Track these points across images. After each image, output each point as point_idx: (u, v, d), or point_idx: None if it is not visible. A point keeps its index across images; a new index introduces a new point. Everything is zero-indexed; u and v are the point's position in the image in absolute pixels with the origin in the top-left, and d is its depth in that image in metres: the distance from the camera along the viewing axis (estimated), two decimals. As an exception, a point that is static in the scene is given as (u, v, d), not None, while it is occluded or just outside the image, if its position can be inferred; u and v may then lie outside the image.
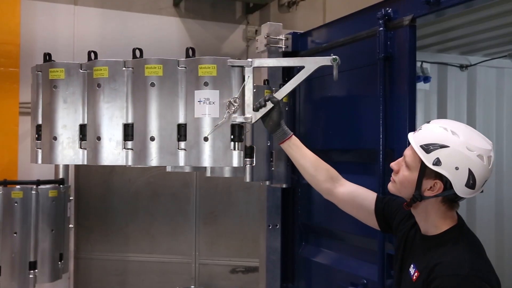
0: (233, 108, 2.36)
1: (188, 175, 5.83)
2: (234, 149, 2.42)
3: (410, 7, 2.89)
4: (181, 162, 2.43)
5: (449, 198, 1.93)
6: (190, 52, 2.47)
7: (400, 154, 2.09)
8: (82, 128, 2.54)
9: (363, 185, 2.55)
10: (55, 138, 2.54)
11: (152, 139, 2.40)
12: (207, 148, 2.40)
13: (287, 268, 4.01)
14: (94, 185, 5.89)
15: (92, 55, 2.56)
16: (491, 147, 1.90)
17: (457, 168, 1.85)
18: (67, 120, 2.54)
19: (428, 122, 2.02)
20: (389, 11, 2.97)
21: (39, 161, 2.63)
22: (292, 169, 3.50)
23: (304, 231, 3.95)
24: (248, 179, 3.28)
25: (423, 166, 1.91)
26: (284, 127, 2.46)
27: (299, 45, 3.90)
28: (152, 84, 2.40)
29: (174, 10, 6.68)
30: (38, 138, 2.63)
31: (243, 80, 2.42)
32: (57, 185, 4.42)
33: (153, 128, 2.41)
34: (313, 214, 3.85)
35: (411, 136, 2.00)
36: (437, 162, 1.87)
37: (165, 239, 5.91)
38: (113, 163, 2.46)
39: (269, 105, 2.42)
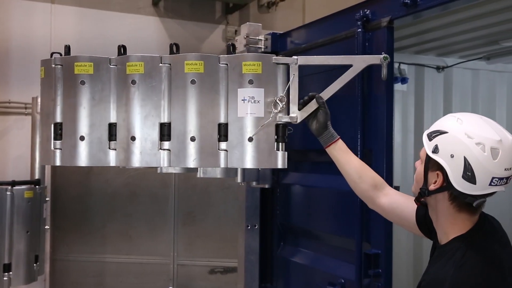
0: (279, 108, 2.27)
1: (167, 176, 5.80)
2: (278, 149, 2.33)
3: (388, 8, 2.92)
4: (222, 164, 2.31)
5: (456, 195, 1.71)
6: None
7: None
8: (112, 127, 2.35)
9: (339, 185, 2.54)
10: (82, 138, 2.33)
11: (193, 139, 2.28)
12: (251, 149, 2.29)
13: (265, 268, 4.01)
14: (71, 186, 5.82)
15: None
16: (502, 139, 1.66)
17: (452, 156, 1.67)
18: (96, 119, 2.34)
19: None
20: (367, 12, 3.00)
21: (58, 162, 2.36)
22: (272, 169, 3.51)
23: (283, 231, 3.95)
24: (239, 179, 3.27)
25: (427, 156, 1.77)
26: (330, 129, 2.31)
27: (279, 45, 3.91)
28: (193, 82, 2.27)
29: (153, 10, 6.64)
30: (58, 137, 2.37)
31: (287, 78, 2.33)
32: (33, 185, 4.36)
33: (193, 127, 2.28)
34: (292, 214, 3.86)
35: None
36: (435, 149, 1.72)
37: (143, 240, 5.86)
38: (148, 165, 2.32)
39: (314, 104, 2.32)
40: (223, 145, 2.31)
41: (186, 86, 2.29)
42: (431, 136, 1.76)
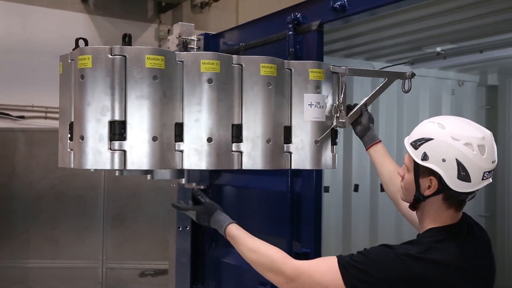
0: (338, 113, 2.42)
1: (96, 177, 5.65)
2: (332, 152, 2.44)
3: (318, 12, 2.98)
4: (286, 165, 2.36)
5: (450, 195, 1.77)
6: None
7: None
8: (178, 127, 2.18)
9: (270, 185, 2.58)
10: (155, 139, 2.12)
11: (269, 141, 2.28)
12: (316, 151, 2.38)
13: (197, 269, 3.98)
14: (-10, 188, 5.56)
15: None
16: (484, 135, 1.75)
17: (444, 160, 1.73)
18: (166, 118, 2.14)
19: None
20: (298, 16, 3.05)
21: (116, 165, 2.07)
22: (210, 171, 3.48)
23: (215, 232, 3.94)
24: (185, 181, 3.24)
25: (415, 164, 1.81)
26: (373, 131, 2.45)
27: (211, 46, 3.90)
28: (269, 84, 2.27)
29: (82, 6, 6.45)
30: (122, 137, 2.08)
31: (337, 85, 2.46)
32: (-51, 188, 4.11)
33: (268, 130, 2.28)
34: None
35: (406, 138, 1.93)
36: (425, 157, 1.77)
37: (70, 244, 5.69)
38: (223, 167, 2.24)
39: (358, 110, 2.50)
40: (289, 147, 2.37)
41: (263, 89, 2.28)
42: (416, 145, 1.82)
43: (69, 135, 2.17)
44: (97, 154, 2.07)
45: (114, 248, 5.74)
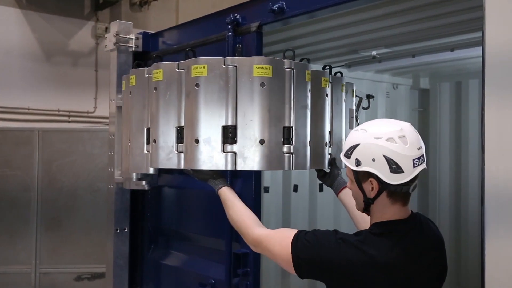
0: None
1: (29, 179, 5.45)
2: None
3: (257, 14, 3.00)
4: (326, 167, 2.58)
5: (393, 191, 1.88)
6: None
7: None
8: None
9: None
10: (262, 142, 2.19)
11: (327, 144, 2.49)
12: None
13: (135, 272, 3.92)
14: None
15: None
16: (402, 127, 1.89)
17: (374, 160, 1.85)
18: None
19: None
20: (238, 17, 3.06)
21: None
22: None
23: (154, 233, 3.89)
24: (145, 182, 3.28)
25: (354, 172, 1.94)
26: (340, 177, 2.65)
27: (150, 45, 3.85)
28: (327, 95, 2.51)
29: (13, 0, 6.19)
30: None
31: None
32: None
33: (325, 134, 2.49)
34: (163, 216, 3.81)
35: (341, 153, 2.06)
36: (358, 162, 1.89)
37: (0, 249, 5.44)
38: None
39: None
40: (329, 150, 2.59)
41: (323, 97, 2.52)
42: (348, 154, 1.96)
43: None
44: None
45: (49, 252, 5.56)
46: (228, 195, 2.34)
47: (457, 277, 5.09)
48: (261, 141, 2.18)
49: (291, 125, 2.28)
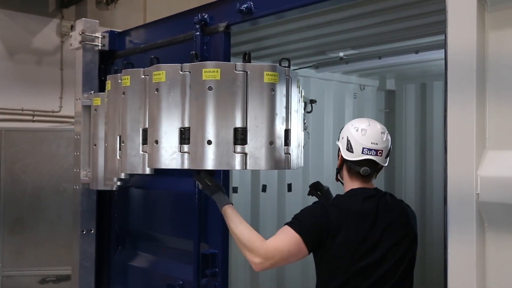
0: None
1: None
2: None
3: (225, 14, 3.00)
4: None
5: (349, 166, 2.49)
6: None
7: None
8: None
9: (177, 186, 2.56)
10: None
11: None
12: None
13: (102, 274, 3.87)
14: None
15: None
16: (370, 124, 2.50)
17: (342, 138, 2.53)
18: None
19: None
20: (206, 16, 3.05)
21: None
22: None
23: (121, 235, 3.85)
24: (119, 184, 3.24)
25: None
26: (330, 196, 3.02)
27: (117, 44, 3.81)
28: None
29: (-25, -3, 6.03)
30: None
31: None
32: None
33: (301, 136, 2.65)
34: (130, 217, 3.77)
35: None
36: (338, 139, 2.60)
37: (-39, 252, 5.30)
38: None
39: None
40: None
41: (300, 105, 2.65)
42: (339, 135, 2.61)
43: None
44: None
45: (13, 255, 5.43)
46: (234, 213, 2.46)
47: (422, 275, 5.19)
48: (271, 143, 2.30)
49: (290, 128, 2.42)
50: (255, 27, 3.34)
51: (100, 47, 3.73)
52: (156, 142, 2.28)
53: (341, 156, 2.52)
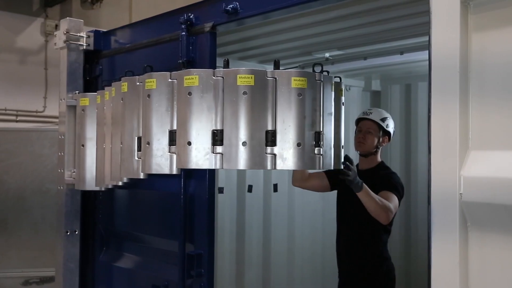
0: None
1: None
2: None
3: (211, 14, 3.00)
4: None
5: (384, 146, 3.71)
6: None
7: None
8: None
9: (162, 186, 2.55)
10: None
11: (343, 147, 2.75)
12: None
13: (86, 275, 3.84)
14: None
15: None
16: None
17: (393, 127, 3.67)
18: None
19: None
20: (191, 17, 3.05)
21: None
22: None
23: (106, 236, 3.83)
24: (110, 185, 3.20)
25: (382, 130, 3.62)
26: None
27: (102, 44, 3.78)
28: (343, 103, 2.74)
29: (-43, -5, 5.96)
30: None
31: None
32: None
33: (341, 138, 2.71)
34: (115, 218, 3.75)
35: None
36: (387, 126, 3.62)
37: None
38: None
39: None
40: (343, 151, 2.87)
41: (339, 107, 2.70)
42: (383, 119, 3.59)
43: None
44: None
45: (-5, 256, 5.37)
46: (370, 190, 3.22)
47: (407, 275, 5.23)
48: (298, 144, 2.39)
49: (321, 130, 2.49)
50: (241, 27, 3.34)
51: (85, 47, 3.70)
52: (189, 143, 2.36)
53: (387, 138, 3.59)
